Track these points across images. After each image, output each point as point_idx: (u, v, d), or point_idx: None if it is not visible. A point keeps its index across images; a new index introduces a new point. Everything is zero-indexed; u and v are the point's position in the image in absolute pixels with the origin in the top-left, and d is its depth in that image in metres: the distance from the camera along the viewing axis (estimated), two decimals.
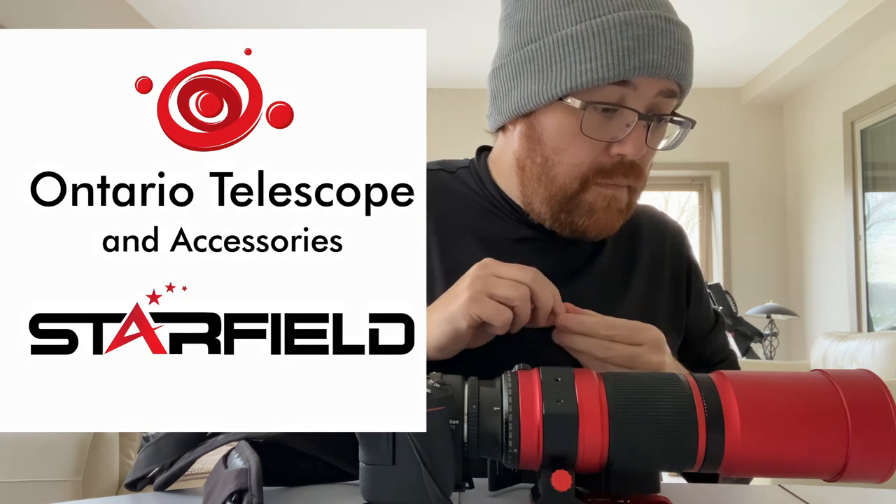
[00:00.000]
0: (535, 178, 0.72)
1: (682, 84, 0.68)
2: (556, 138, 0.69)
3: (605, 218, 0.70)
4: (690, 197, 5.18)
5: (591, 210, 0.70)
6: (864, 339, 2.99)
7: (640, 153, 0.67)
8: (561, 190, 0.70)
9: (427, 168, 0.83)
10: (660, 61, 0.64)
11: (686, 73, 0.67)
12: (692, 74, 0.69)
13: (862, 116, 3.81)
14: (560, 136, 0.68)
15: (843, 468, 0.46)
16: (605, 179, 0.69)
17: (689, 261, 0.85)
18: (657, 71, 0.64)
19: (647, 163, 0.71)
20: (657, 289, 0.80)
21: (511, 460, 0.47)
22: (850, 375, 0.48)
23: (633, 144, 0.66)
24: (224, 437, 0.56)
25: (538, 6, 0.69)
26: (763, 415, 0.46)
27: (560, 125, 0.68)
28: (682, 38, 0.66)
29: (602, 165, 0.68)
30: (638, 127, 0.66)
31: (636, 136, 0.66)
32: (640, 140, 0.66)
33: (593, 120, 0.67)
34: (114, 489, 1.76)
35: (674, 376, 0.49)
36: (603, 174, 0.68)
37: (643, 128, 0.67)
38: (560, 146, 0.69)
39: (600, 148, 0.68)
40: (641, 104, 0.66)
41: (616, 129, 0.67)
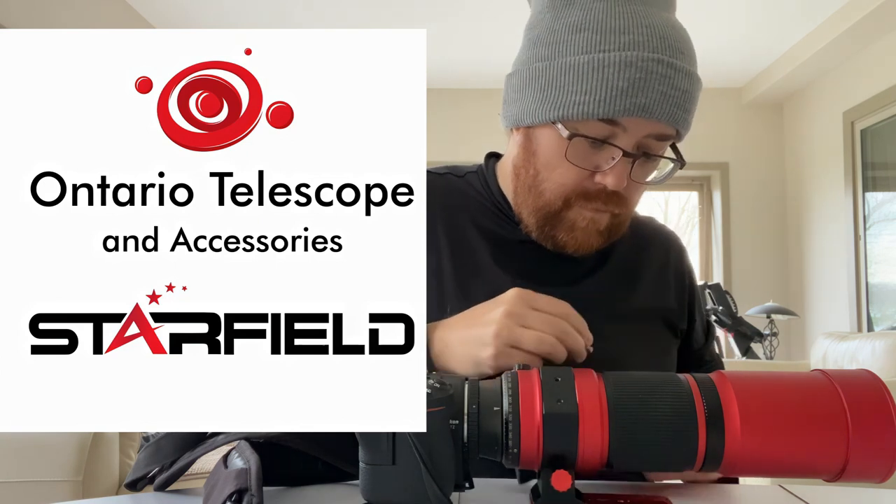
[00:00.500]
0: (527, 188, 0.75)
1: (678, 128, 0.69)
2: (547, 156, 0.72)
3: (583, 237, 0.73)
4: (690, 197, 5.18)
5: (571, 227, 0.72)
6: (864, 339, 2.99)
7: (620, 186, 0.69)
8: (546, 205, 0.73)
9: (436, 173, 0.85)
10: (651, 106, 0.66)
11: (680, 119, 0.68)
12: (690, 119, 0.71)
13: (862, 116, 3.81)
14: (550, 155, 0.71)
15: (843, 468, 0.46)
16: (587, 203, 0.71)
17: (691, 275, 0.88)
18: (647, 114, 0.66)
19: (633, 193, 0.73)
20: (662, 298, 0.82)
21: (511, 460, 0.47)
22: (850, 375, 0.48)
23: (615, 178, 0.69)
24: (224, 437, 0.56)
25: (553, 27, 0.70)
26: (763, 415, 0.46)
27: (551, 146, 0.71)
28: (682, 84, 0.67)
29: (585, 190, 0.71)
30: (622, 162, 0.68)
31: (618, 171, 0.68)
32: (622, 174, 0.69)
33: (580, 148, 0.69)
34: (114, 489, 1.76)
35: (674, 376, 0.49)
36: (585, 198, 0.71)
37: (628, 163, 0.69)
38: (550, 164, 0.72)
39: (585, 174, 0.70)
40: (629, 143, 0.68)
41: (601, 160, 0.69)
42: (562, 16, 0.70)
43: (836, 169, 4.03)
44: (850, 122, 3.90)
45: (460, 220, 0.79)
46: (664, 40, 0.67)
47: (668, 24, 0.69)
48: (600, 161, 0.69)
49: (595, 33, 0.67)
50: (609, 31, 0.67)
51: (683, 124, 0.70)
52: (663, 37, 0.67)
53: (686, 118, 0.70)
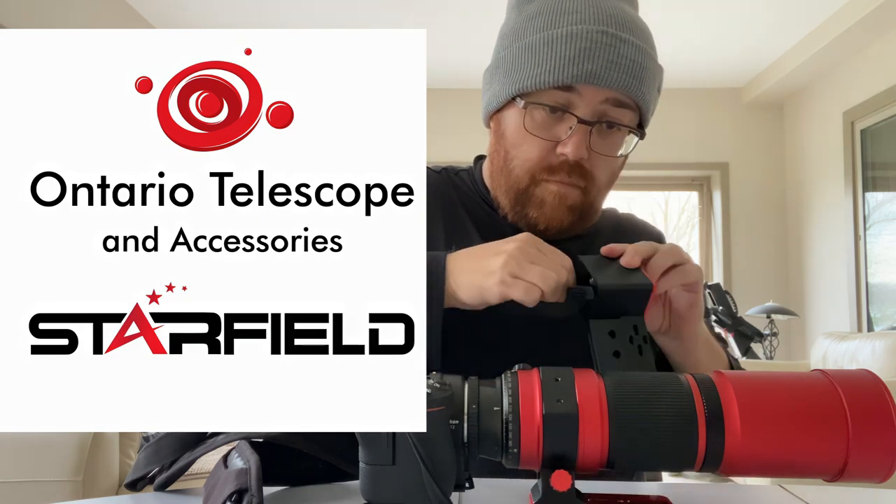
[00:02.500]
0: (499, 170, 0.79)
1: (634, 97, 0.73)
2: (512, 134, 0.76)
3: (552, 212, 0.75)
4: (690, 197, 5.18)
5: (541, 204, 0.75)
6: (864, 339, 2.99)
7: (579, 154, 0.72)
8: (515, 182, 0.77)
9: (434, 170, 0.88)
10: (599, 72, 0.70)
11: (633, 87, 0.72)
12: (646, 91, 0.74)
13: (862, 116, 3.81)
14: (515, 133, 0.76)
15: (843, 468, 0.46)
16: (551, 176, 0.74)
17: None
18: (596, 80, 0.70)
19: (598, 167, 0.75)
20: None
21: (511, 460, 0.47)
22: (850, 375, 0.48)
23: (573, 146, 0.72)
24: (224, 437, 0.56)
25: (517, 18, 0.77)
26: (763, 415, 0.46)
27: (515, 123, 0.76)
28: (630, 54, 0.71)
29: (549, 163, 0.74)
30: (579, 130, 0.72)
31: (576, 139, 0.72)
32: (581, 143, 0.72)
33: (541, 119, 0.73)
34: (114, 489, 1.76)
35: (674, 376, 0.49)
36: (548, 171, 0.74)
37: (585, 132, 0.72)
38: (515, 142, 0.76)
39: (548, 147, 0.74)
40: (586, 111, 0.72)
41: (560, 130, 0.73)
42: (524, 10, 0.77)
43: (836, 169, 4.03)
44: (850, 122, 3.90)
45: (457, 213, 0.83)
46: (612, 17, 0.72)
47: (619, 8, 0.74)
48: (559, 132, 0.73)
49: (547, 16, 0.73)
50: (560, 13, 0.73)
51: (638, 94, 0.73)
52: (611, 15, 0.72)
53: (640, 87, 0.73)
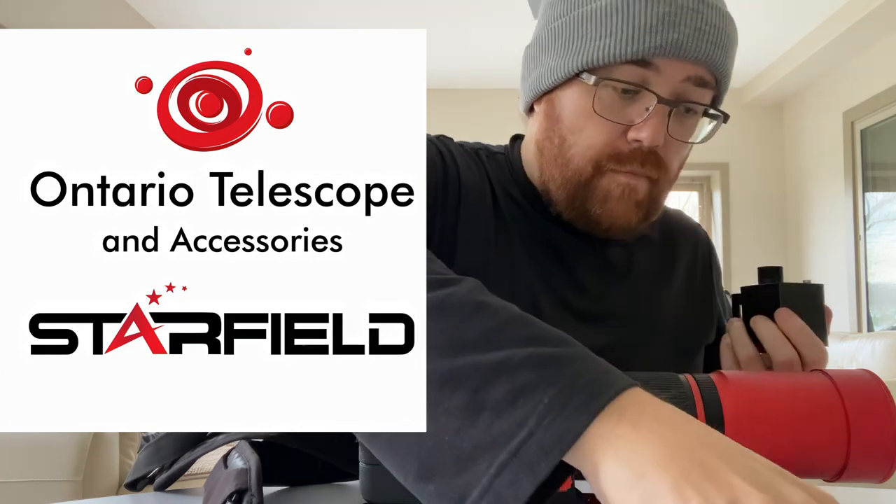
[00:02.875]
0: (552, 160, 0.67)
1: (717, 73, 0.63)
2: (572, 117, 0.65)
3: (619, 208, 0.65)
4: (690, 197, 5.18)
5: (605, 198, 0.64)
6: (864, 339, 2.99)
7: (657, 140, 0.61)
8: (575, 174, 0.65)
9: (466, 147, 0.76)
10: (684, 42, 0.59)
11: (717, 59, 0.61)
12: (729, 65, 0.64)
13: (862, 116, 3.81)
14: (576, 114, 0.64)
15: (843, 468, 0.46)
16: (620, 166, 0.64)
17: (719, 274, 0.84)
18: (680, 52, 0.59)
19: (672, 155, 0.65)
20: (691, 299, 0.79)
21: None
22: (850, 375, 0.48)
23: (651, 130, 0.61)
24: (224, 437, 0.56)
25: None
26: (763, 415, 0.46)
27: (577, 103, 0.64)
28: (716, 21, 0.61)
29: (617, 150, 0.63)
30: (658, 112, 0.61)
31: (655, 122, 0.61)
32: (659, 127, 0.61)
33: (610, 100, 0.63)
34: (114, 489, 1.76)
35: (674, 376, 0.49)
36: (617, 160, 0.63)
37: (664, 114, 0.62)
38: (576, 126, 0.64)
39: (617, 131, 0.63)
40: (665, 89, 0.61)
41: (635, 112, 0.62)
42: None
43: (836, 169, 4.03)
44: (850, 122, 3.90)
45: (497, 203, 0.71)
46: None
47: None
48: (633, 114, 0.62)
49: None
50: None
51: (723, 69, 0.63)
52: None
53: (725, 61, 0.62)
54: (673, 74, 0.61)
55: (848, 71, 3.90)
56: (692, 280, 0.80)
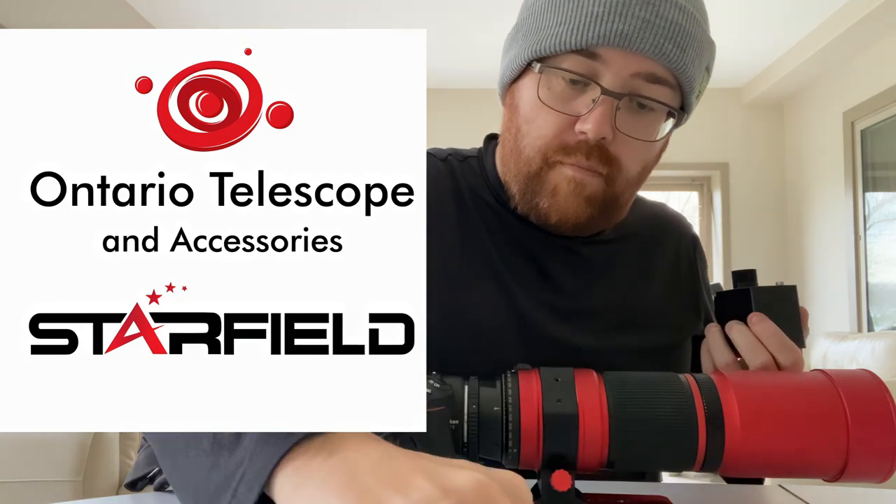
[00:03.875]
0: (510, 152, 0.67)
1: (675, 71, 0.61)
2: (526, 108, 0.65)
3: (568, 202, 0.63)
4: (690, 197, 5.18)
5: (554, 191, 0.64)
6: (864, 339, 2.99)
7: (600, 133, 0.60)
8: (526, 164, 0.65)
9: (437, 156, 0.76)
10: (630, 33, 0.58)
11: (672, 55, 0.60)
12: (691, 64, 0.62)
13: (862, 116, 3.81)
14: (529, 105, 0.64)
15: (843, 468, 0.46)
16: (566, 158, 0.63)
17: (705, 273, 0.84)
18: (626, 43, 0.58)
19: (626, 152, 0.63)
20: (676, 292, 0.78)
21: (511, 460, 0.47)
22: (850, 375, 0.48)
23: (594, 122, 0.60)
24: None
25: None
26: (763, 415, 0.46)
27: (530, 94, 0.64)
28: (670, 15, 0.59)
29: (565, 142, 0.62)
30: (603, 104, 0.60)
31: (598, 114, 0.60)
32: (603, 119, 0.60)
33: (558, 91, 0.62)
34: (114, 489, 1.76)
35: (674, 376, 0.49)
36: (564, 152, 0.63)
37: (610, 107, 0.60)
38: (529, 116, 0.64)
39: (566, 123, 0.62)
40: (613, 82, 0.60)
41: (581, 104, 0.61)
42: None
43: (836, 169, 4.03)
44: (850, 122, 3.90)
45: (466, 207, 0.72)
46: None
47: None
48: (580, 105, 0.61)
49: None
50: None
51: (680, 66, 0.61)
52: None
53: (680, 56, 0.60)
54: (621, 67, 0.60)
55: (848, 71, 3.90)
56: (677, 272, 0.79)
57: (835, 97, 4.05)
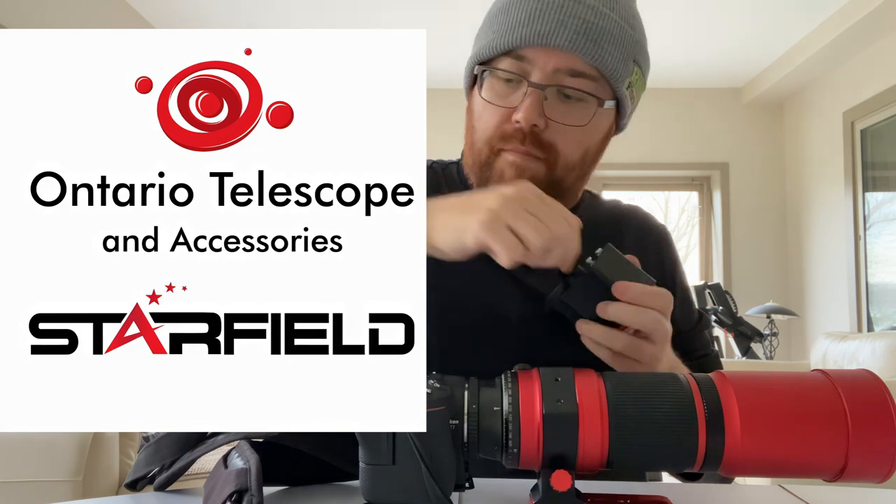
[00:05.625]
0: (468, 148, 0.78)
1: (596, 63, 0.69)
2: (476, 108, 0.76)
3: None
4: (690, 197, 5.18)
5: (500, 176, 0.73)
6: (864, 339, 2.99)
7: (531, 120, 0.69)
8: (478, 155, 0.75)
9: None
10: (548, 33, 0.68)
11: (588, 50, 0.69)
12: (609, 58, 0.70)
13: (862, 116, 3.81)
14: (478, 105, 0.76)
15: (843, 468, 0.46)
16: (505, 144, 0.72)
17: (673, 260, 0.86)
18: (545, 41, 0.68)
19: (561, 138, 0.72)
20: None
21: (511, 460, 0.47)
22: (850, 375, 0.48)
23: (524, 110, 0.69)
24: (224, 437, 0.56)
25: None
26: (763, 415, 0.46)
27: (476, 95, 0.76)
28: (583, 14, 0.69)
29: (504, 132, 0.72)
30: (531, 95, 0.70)
31: (528, 104, 0.69)
32: (532, 108, 0.69)
33: (499, 88, 0.73)
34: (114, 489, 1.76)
35: (674, 376, 0.49)
36: (503, 139, 0.73)
37: (538, 97, 0.70)
38: (478, 115, 0.75)
39: (504, 116, 0.72)
40: (539, 77, 0.70)
41: (515, 98, 0.71)
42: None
43: (836, 169, 4.03)
44: (850, 122, 3.90)
45: None
46: None
47: None
48: (514, 99, 0.72)
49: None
50: None
51: (599, 59, 0.69)
52: None
53: (596, 51, 0.69)
54: (544, 63, 0.70)
55: (848, 71, 3.90)
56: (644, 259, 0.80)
57: (835, 97, 4.05)
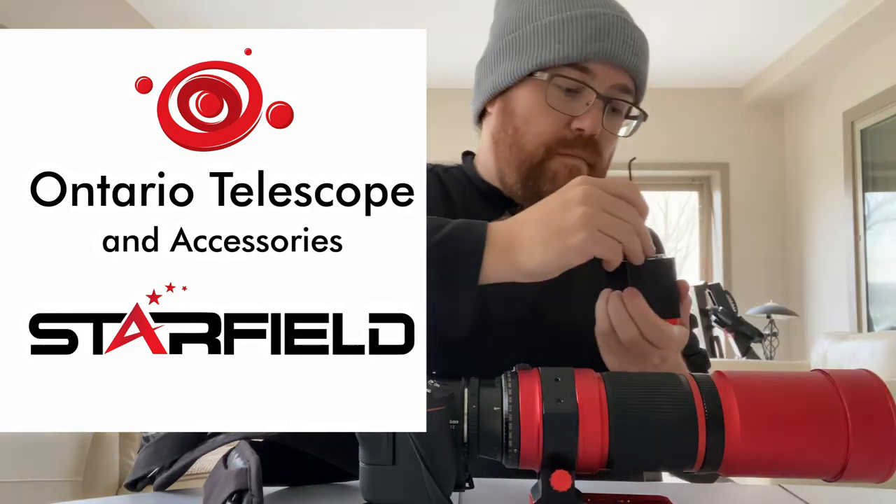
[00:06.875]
0: (507, 147, 0.80)
1: (637, 81, 0.78)
2: (526, 110, 0.79)
3: None
4: (690, 197, 5.18)
5: (553, 177, 0.77)
6: (864, 339, 2.99)
7: (596, 129, 0.76)
8: (529, 157, 0.78)
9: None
10: (615, 50, 0.75)
11: (639, 68, 0.77)
12: (645, 75, 0.80)
13: (862, 116, 3.81)
14: (529, 108, 0.78)
15: (843, 468, 0.46)
16: (566, 150, 0.77)
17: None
18: (612, 57, 0.75)
19: (605, 145, 0.79)
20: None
21: (511, 460, 0.47)
22: (850, 375, 0.48)
23: (591, 120, 0.75)
24: (224, 437, 0.56)
25: (520, 5, 0.82)
26: (763, 415, 0.46)
27: (530, 98, 0.78)
28: (637, 38, 0.77)
29: (563, 137, 0.77)
30: (596, 106, 0.76)
31: (594, 114, 0.76)
32: (597, 118, 0.76)
33: (558, 96, 0.77)
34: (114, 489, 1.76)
35: (674, 376, 0.49)
36: (564, 145, 0.77)
37: (600, 108, 0.76)
38: (528, 117, 0.78)
39: (563, 122, 0.77)
40: (601, 89, 0.76)
41: (577, 107, 0.77)
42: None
43: (836, 169, 4.03)
44: (850, 122, 3.90)
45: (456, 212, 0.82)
46: (615, 6, 0.79)
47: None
48: (576, 107, 0.76)
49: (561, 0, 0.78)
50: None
51: (641, 76, 0.79)
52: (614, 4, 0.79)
53: (643, 70, 0.78)
54: (605, 80, 0.76)
55: (848, 71, 3.89)
56: None
57: (835, 97, 4.05)
